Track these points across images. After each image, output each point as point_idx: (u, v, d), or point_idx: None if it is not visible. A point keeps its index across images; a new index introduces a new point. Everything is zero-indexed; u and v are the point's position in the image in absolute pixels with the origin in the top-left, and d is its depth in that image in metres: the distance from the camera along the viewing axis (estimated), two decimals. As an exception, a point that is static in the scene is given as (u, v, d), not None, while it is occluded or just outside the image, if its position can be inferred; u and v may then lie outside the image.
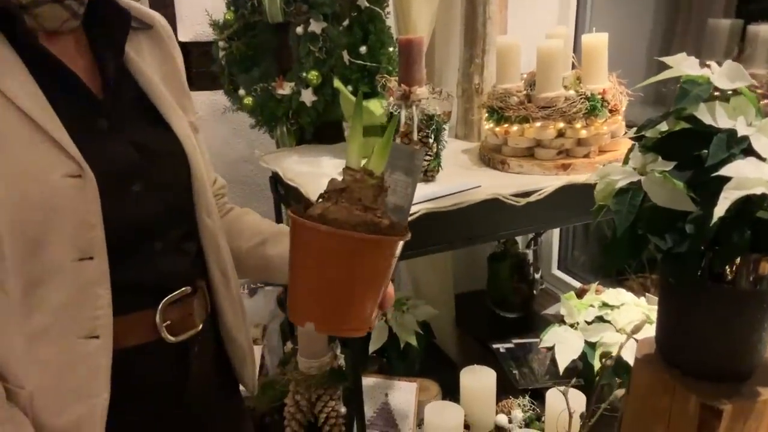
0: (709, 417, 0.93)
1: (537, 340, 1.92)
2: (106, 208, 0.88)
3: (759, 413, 0.94)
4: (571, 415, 1.03)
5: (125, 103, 0.97)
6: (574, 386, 1.51)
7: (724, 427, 0.93)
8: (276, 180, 1.73)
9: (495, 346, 1.90)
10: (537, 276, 2.18)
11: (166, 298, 0.97)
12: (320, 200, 0.86)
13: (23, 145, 0.84)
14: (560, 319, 1.60)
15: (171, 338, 0.98)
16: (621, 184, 0.93)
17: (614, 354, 1.44)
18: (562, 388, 1.08)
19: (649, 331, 1.06)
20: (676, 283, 0.92)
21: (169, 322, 0.97)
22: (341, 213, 0.82)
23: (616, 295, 1.56)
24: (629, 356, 1.35)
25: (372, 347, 1.70)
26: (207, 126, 2.56)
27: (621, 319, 1.47)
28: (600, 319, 1.51)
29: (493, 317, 2.11)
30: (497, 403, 1.58)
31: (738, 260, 0.90)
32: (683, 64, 0.92)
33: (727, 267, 0.92)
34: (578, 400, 1.27)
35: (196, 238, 1.03)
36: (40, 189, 0.83)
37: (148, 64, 1.01)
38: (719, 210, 0.79)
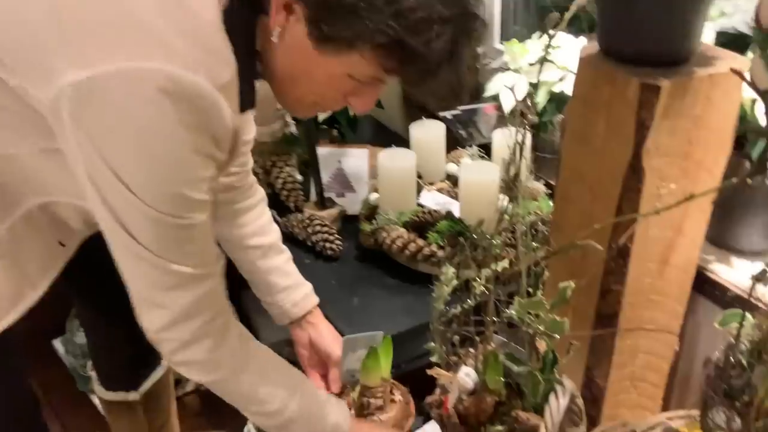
0: (648, 96, 0.98)
1: (483, 105, 1.97)
2: None
3: (695, 91, 1.00)
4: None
5: None
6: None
7: (662, 104, 0.99)
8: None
9: (442, 114, 1.93)
10: (480, 50, 2.18)
11: None
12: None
13: None
14: (506, 69, 1.62)
15: None
16: None
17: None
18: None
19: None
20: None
21: None
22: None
23: (559, 37, 1.57)
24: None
25: (321, 115, 1.70)
26: None
27: (564, 56, 1.50)
28: (543, 59, 1.53)
29: (439, 91, 2.12)
30: (447, 154, 1.63)
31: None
32: None
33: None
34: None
35: None
36: None
37: None
38: None
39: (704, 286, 1.27)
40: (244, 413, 1.03)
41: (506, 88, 1.58)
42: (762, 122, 1.13)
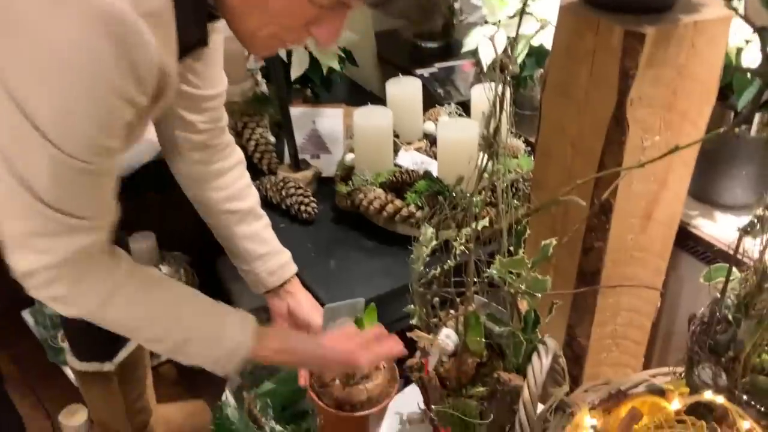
0: (633, 44, 0.94)
1: (461, 62, 1.92)
2: None
3: (680, 38, 0.96)
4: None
5: None
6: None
7: (647, 53, 0.95)
8: None
9: (419, 72, 1.89)
10: (456, 5, 2.13)
11: None
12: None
13: None
14: (483, 23, 1.57)
15: None
16: None
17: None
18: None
19: None
20: None
21: None
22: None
23: (537, -12, 1.52)
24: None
25: (294, 74, 1.64)
26: None
27: (543, 8, 1.45)
28: (522, 11, 1.49)
29: (416, 49, 2.09)
30: (425, 112, 1.58)
31: None
32: None
33: None
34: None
35: None
36: None
37: None
38: None
39: (686, 241, 1.26)
40: (133, 340, 0.96)
41: (486, 38, 1.54)
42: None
